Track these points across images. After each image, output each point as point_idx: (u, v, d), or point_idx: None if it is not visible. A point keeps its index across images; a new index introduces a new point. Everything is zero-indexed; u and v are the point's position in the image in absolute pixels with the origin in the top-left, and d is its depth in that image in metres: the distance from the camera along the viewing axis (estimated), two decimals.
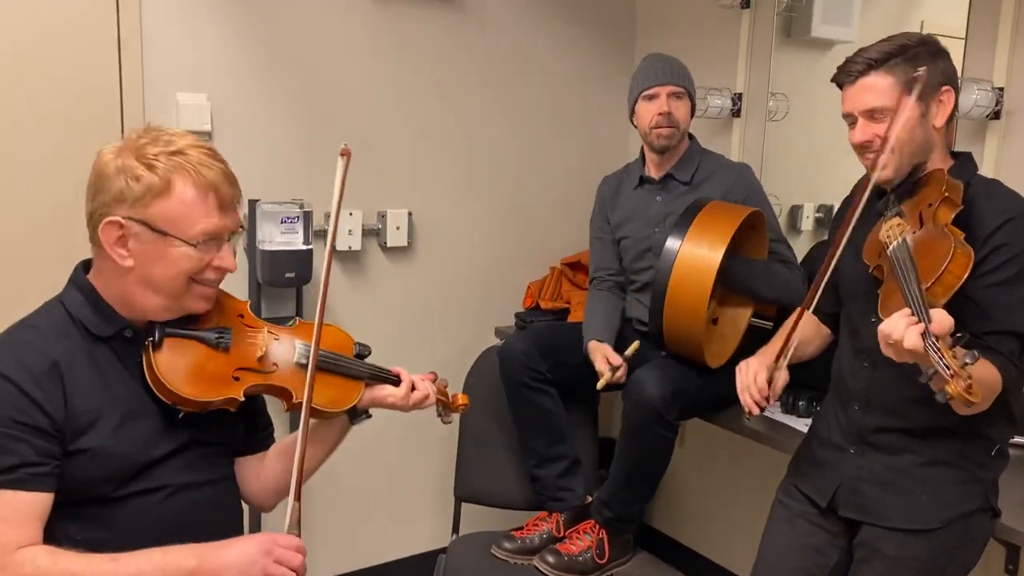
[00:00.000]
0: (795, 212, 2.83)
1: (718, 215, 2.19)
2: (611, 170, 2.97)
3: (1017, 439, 1.86)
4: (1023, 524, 1.70)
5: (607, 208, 2.57)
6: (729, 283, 2.28)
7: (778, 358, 1.72)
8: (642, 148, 2.53)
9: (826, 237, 2.76)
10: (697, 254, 2.12)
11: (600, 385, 2.27)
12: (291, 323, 1.53)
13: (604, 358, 2.30)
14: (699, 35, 3.00)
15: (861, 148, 1.63)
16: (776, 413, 2.27)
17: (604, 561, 2.24)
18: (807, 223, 2.87)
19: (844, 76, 1.62)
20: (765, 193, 2.44)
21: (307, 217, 2.52)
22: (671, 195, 2.41)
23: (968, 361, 1.28)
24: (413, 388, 1.57)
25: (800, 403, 2.25)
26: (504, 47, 3.00)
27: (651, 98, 2.38)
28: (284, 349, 1.46)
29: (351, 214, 2.71)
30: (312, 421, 1.52)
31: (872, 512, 1.68)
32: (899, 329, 1.31)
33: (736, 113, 2.89)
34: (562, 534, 2.30)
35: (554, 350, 2.37)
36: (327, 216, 2.70)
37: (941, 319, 1.30)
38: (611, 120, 3.30)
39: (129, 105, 2.35)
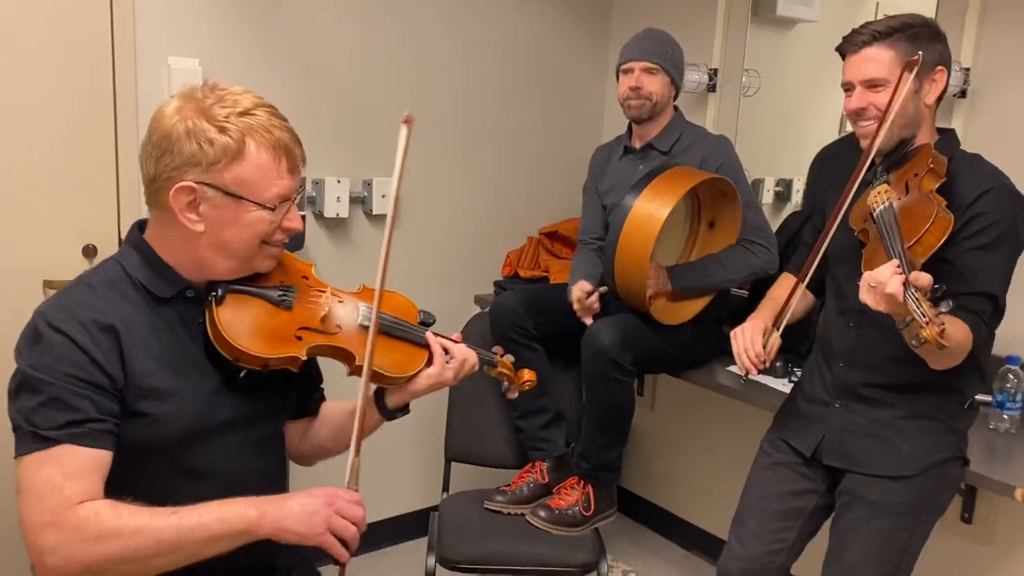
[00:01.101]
0: (756, 186, 2.93)
1: (676, 178, 2.28)
2: (587, 141, 3.05)
3: (981, 397, 2.02)
4: (982, 469, 1.85)
5: (597, 176, 2.68)
6: (684, 289, 2.38)
7: (775, 324, 1.82)
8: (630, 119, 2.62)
9: (793, 209, 2.90)
10: (645, 212, 2.22)
11: (573, 303, 2.40)
12: (356, 288, 1.51)
13: (579, 287, 2.42)
14: (676, 11, 3.08)
15: (856, 115, 1.72)
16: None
17: (590, 513, 2.35)
18: (768, 196, 2.99)
19: (849, 45, 1.71)
20: (741, 165, 2.53)
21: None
22: (650, 164, 2.50)
23: (943, 309, 1.40)
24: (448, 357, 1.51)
25: (776, 364, 2.37)
26: (486, 22, 3.04)
27: (626, 72, 2.50)
28: (348, 311, 1.44)
29: (339, 182, 2.74)
30: (372, 386, 1.52)
31: (855, 461, 1.81)
32: (884, 275, 1.42)
33: (712, 88, 2.99)
34: (547, 480, 2.43)
35: (542, 309, 2.48)
36: (315, 183, 2.73)
37: (920, 274, 1.43)
38: (587, 94, 3.38)
39: (121, 69, 2.34)
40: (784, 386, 2.29)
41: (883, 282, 1.41)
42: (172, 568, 1.21)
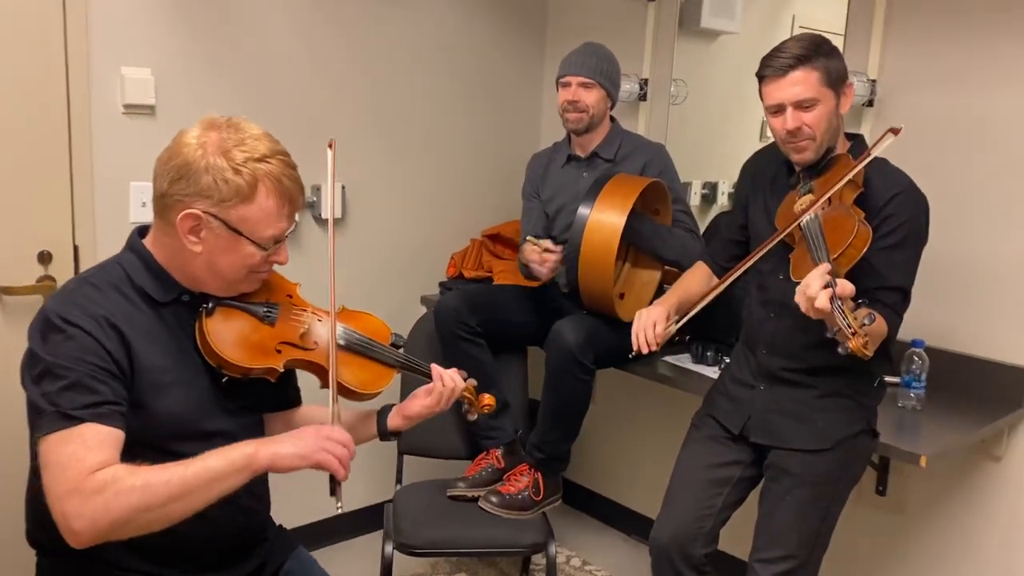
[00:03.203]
0: (685, 188, 3.08)
1: (623, 186, 2.46)
2: (526, 147, 3.19)
3: (890, 378, 2.22)
4: (891, 441, 2.03)
5: (537, 182, 2.82)
6: (637, 241, 2.57)
7: (682, 318, 1.97)
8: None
9: (720, 210, 3.09)
10: (604, 220, 2.39)
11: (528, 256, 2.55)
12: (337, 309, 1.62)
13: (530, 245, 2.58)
14: (608, 24, 3.25)
15: (791, 134, 1.83)
16: (687, 362, 2.58)
17: (540, 498, 2.50)
18: (695, 199, 3.16)
19: (772, 70, 1.81)
20: (676, 169, 2.72)
21: None
22: (596, 171, 2.65)
23: (866, 322, 1.56)
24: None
25: (708, 353, 2.56)
26: (428, 33, 3.17)
27: (564, 85, 2.65)
28: (325, 330, 1.57)
29: None
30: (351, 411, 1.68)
31: (779, 437, 1.98)
32: (815, 287, 1.58)
33: (643, 97, 3.17)
34: (503, 465, 2.57)
35: (483, 307, 2.62)
36: None
37: (845, 284, 1.59)
38: (524, 102, 3.53)
39: (74, 78, 2.38)
40: (715, 374, 2.46)
41: (813, 296, 1.57)
42: (190, 511, 1.30)
